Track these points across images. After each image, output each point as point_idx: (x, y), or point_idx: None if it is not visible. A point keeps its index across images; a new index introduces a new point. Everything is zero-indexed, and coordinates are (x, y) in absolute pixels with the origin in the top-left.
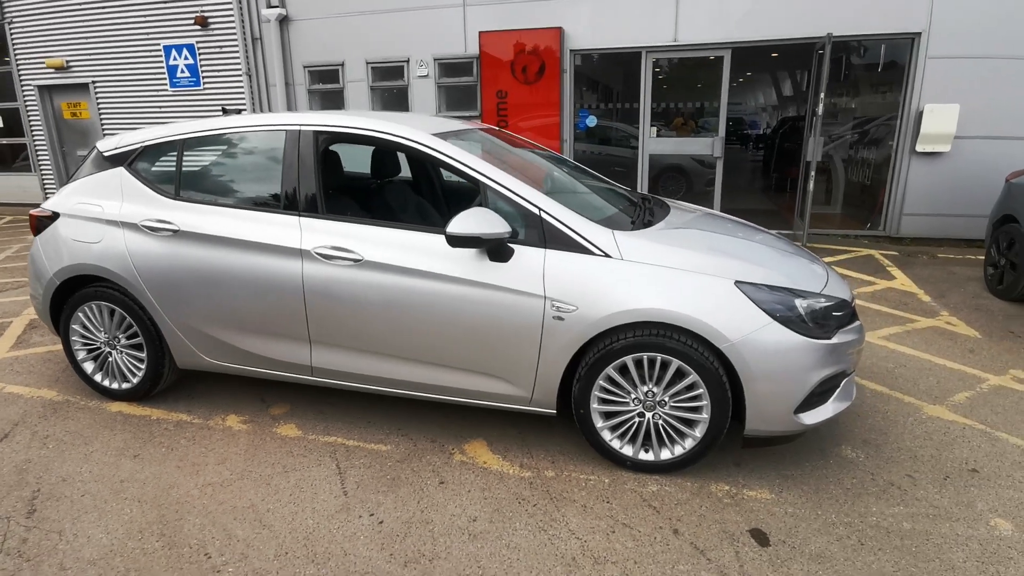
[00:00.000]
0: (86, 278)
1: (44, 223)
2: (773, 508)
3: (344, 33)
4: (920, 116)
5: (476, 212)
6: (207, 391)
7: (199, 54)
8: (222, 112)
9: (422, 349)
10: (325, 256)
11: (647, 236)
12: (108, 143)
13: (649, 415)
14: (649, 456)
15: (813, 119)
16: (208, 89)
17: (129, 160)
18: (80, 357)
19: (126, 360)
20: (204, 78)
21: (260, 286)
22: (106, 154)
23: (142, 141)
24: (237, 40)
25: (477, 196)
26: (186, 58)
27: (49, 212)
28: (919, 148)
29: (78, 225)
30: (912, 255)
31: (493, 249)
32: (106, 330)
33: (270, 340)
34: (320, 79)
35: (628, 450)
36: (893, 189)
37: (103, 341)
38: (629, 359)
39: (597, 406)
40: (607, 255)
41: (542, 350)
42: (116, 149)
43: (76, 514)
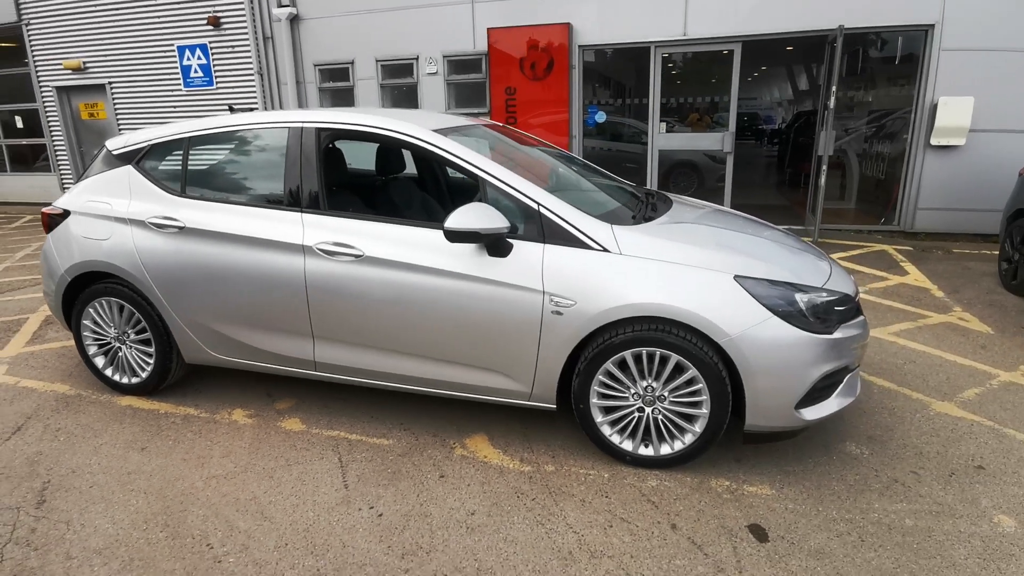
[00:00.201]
0: (96, 274)
1: (56, 221)
2: (773, 504)
3: (354, 31)
4: (935, 109)
5: (474, 207)
6: (215, 386)
7: (212, 54)
8: (229, 111)
9: (422, 344)
10: (327, 252)
11: (646, 231)
12: (117, 141)
13: (648, 410)
14: (649, 451)
15: (825, 113)
16: (221, 88)
17: (137, 158)
18: (91, 352)
19: (135, 355)
20: (217, 78)
21: (264, 282)
22: (115, 152)
23: (149, 139)
24: (249, 40)
25: (479, 192)
26: (199, 58)
27: (60, 210)
28: (934, 141)
29: (88, 222)
30: (927, 250)
31: (492, 244)
32: (116, 326)
33: (274, 335)
34: (330, 77)
35: (628, 445)
36: (907, 183)
37: (113, 336)
38: (628, 354)
39: (597, 401)
40: (606, 250)
41: (541, 345)
42: (124, 147)
43: (84, 505)
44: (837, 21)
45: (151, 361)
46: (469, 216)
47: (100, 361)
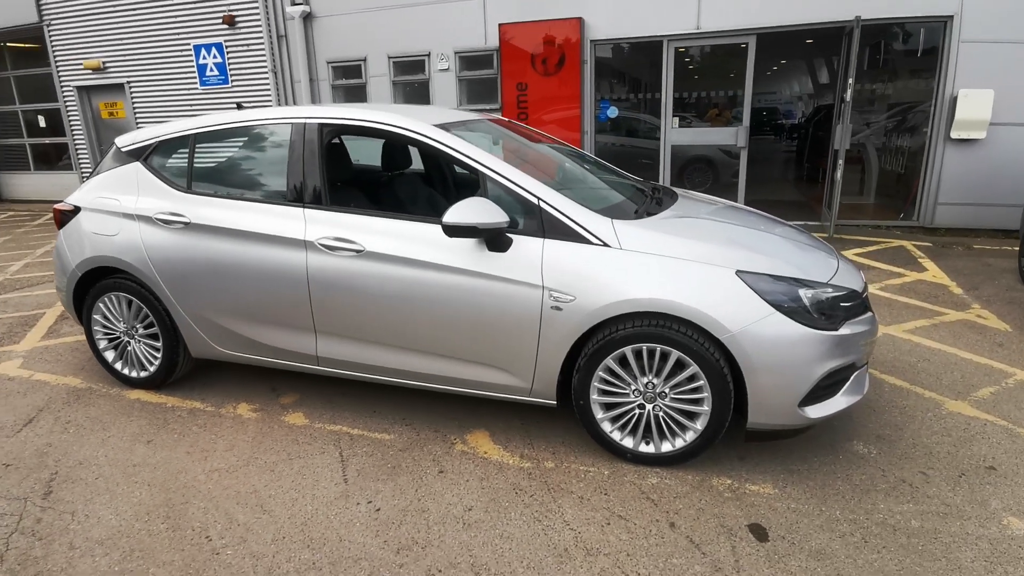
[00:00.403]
0: (106, 270)
1: (67, 217)
2: (775, 503)
3: (366, 28)
4: (954, 102)
5: (473, 202)
6: (221, 380)
7: (227, 53)
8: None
9: (423, 340)
10: (328, 247)
11: (648, 225)
12: (126, 139)
13: (649, 407)
14: (649, 448)
15: (841, 106)
16: (236, 86)
17: (145, 155)
18: (101, 346)
19: (143, 349)
20: (232, 76)
21: (267, 277)
22: (124, 149)
23: (156, 136)
24: (263, 38)
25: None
26: (215, 57)
27: (71, 206)
28: (954, 135)
29: (98, 218)
30: (946, 246)
31: (491, 239)
32: (125, 320)
33: (278, 330)
34: (343, 74)
35: (628, 442)
36: (927, 177)
37: (122, 331)
38: (628, 350)
39: (597, 397)
40: (606, 244)
41: (541, 341)
42: (133, 144)
43: (89, 496)
44: (854, 12)
45: (159, 355)
46: (467, 211)
47: (110, 355)
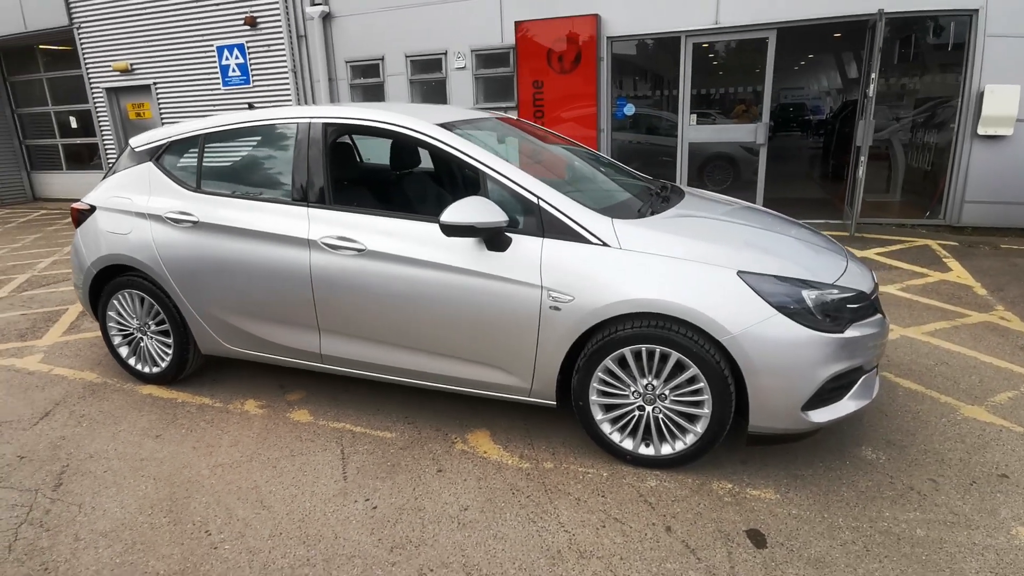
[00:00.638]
0: (120, 267)
1: (84, 216)
2: (776, 509)
3: (383, 27)
4: (981, 97)
5: (471, 201)
6: (231, 376)
7: (249, 53)
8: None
9: (423, 339)
10: (331, 246)
11: (649, 224)
12: (139, 139)
13: (649, 408)
14: (649, 451)
15: (864, 101)
16: (257, 86)
17: (157, 155)
18: (116, 342)
19: (156, 346)
20: (253, 76)
21: (272, 275)
22: (137, 149)
23: (168, 136)
24: (283, 38)
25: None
26: (237, 57)
27: (87, 206)
28: (981, 131)
29: (112, 217)
30: (973, 245)
31: (490, 238)
32: (137, 317)
33: (283, 328)
34: (361, 74)
35: (628, 444)
36: (954, 175)
37: (135, 327)
38: (628, 351)
39: (596, 398)
40: (605, 244)
41: (540, 341)
42: (146, 144)
43: (97, 489)
44: (877, 5)
45: (170, 352)
46: (465, 210)
47: (124, 351)
